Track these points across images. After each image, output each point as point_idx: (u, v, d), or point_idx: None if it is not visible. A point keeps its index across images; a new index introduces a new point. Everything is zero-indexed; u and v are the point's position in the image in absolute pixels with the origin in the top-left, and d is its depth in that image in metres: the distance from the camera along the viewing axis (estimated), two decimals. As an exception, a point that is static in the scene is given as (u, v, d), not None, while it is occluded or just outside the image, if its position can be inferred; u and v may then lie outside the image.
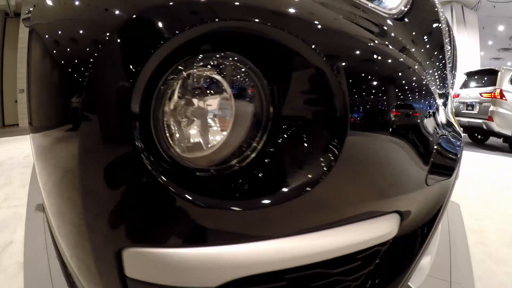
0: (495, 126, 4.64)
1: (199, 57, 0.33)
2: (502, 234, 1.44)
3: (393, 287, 0.45)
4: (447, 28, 0.66)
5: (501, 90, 4.69)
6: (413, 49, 0.47)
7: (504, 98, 4.65)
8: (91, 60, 0.31)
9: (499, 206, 1.86)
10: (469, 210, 1.76)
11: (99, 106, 0.31)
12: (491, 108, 4.70)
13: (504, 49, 11.70)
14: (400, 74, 0.41)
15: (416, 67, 0.45)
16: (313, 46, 0.33)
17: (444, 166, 0.48)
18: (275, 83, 0.34)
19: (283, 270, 0.36)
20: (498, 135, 4.81)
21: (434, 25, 0.59)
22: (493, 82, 4.86)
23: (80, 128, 0.31)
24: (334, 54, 0.35)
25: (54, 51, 0.37)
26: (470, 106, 5.14)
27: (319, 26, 0.35)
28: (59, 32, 0.39)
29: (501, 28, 9.75)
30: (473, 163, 3.38)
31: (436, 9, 0.63)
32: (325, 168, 0.34)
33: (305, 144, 0.35)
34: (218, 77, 0.33)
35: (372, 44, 0.39)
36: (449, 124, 0.57)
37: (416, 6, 0.55)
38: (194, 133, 0.34)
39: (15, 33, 7.44)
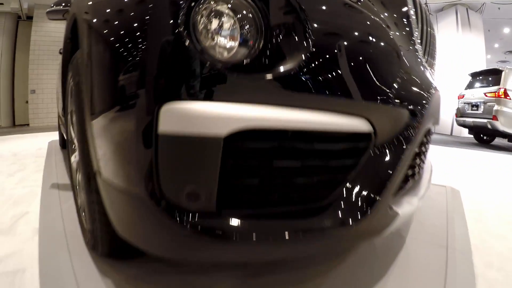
0: (500, 125, 4.64)
1: None
2: (501, 215, 1.47)
3: (374, 194, 0.52)
4: (414, 15, 0.80)
5: (505, 90, 4.69)
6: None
7: (508, 97, 4.66)
8: (147, 13, 0.52)
9: (499, 194, 1.88)
10: (470, 195, 1.79)
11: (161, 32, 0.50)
12: (496, 107, 4.70)
13: (511, 52, 11.64)
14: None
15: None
16: None
17: (409, 95, 0.61)
18: (263, 7, 0.52)
19: (278, 132, 0.50)
20: (503, 134, 4.80)
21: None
22: (497, 82, 4.87)
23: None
24: None
25: (108, 31, 0.59)
26: (475, 106, 5.15)
27: None
28: (108, 12, 0.60)
29: (506, 30, 9.71)
30: (476, 162, 3.39)
31: None
32: (303, 56, 0.52)
33: (288, 42, 0.52)
34: (228, 8, 0.50)
35: None
36: (424, 76, 0.70)
37: None
38: (218, 42, 0.51)
39: (27, 36, 7.66)
